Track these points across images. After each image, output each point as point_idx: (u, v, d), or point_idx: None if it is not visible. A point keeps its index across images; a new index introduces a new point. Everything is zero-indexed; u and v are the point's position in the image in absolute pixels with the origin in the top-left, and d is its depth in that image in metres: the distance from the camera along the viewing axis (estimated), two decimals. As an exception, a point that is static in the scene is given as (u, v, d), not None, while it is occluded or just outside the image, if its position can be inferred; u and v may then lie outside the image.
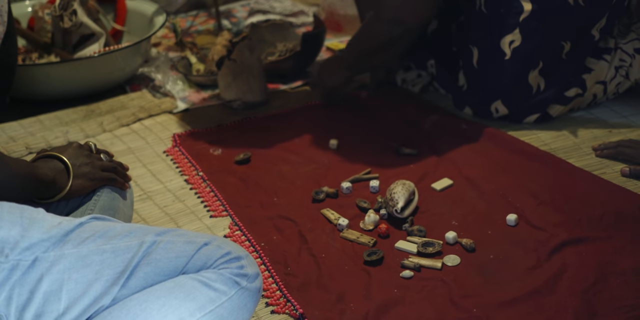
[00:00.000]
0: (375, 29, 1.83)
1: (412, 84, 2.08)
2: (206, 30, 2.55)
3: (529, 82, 1.83)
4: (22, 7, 2.32)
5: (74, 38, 2.16)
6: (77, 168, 1.36)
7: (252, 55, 2.01)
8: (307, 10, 2.64)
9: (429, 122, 1.91)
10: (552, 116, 1.88)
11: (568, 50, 1.82)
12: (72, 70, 2.06)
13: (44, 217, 1.11)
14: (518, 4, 1.76)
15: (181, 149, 1.86)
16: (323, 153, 1.82)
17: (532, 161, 1.73)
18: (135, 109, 2.02)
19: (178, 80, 2.18)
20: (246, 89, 2.01)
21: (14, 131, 1.95)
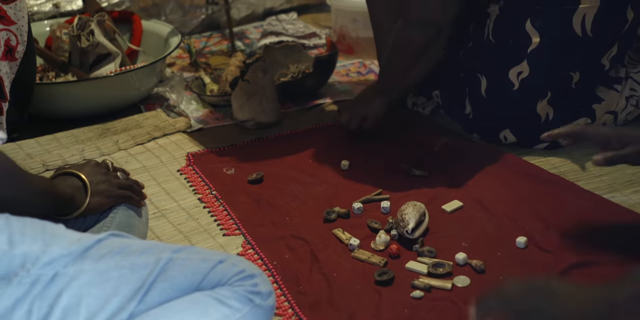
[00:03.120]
0: (405, 38, 1.81)
1: (422, 107, 2.11)
2: (220, 51, 2.59)
3: (538, 112, 1.85)
4: (40, 26, 2.36)
5: (90, 57, 2.20)
6: (95, 185, 1.38)
7: (265, 77, 2.04)
8: (319, 32, 2.67)
9: (440, 144, 1.93)
10: (562, 145, 1.89)
11: (577, 80, 1.83)
12: (89, 89, 2.10)
13: (65, 233, 1.13)
14: (526, 35, 1.78)
15: (195, 168, 1.88)
16: (335, 174, 1.84)
17: (541, 184, 1.75)
18: (150, 128, 2.05)
19: (192, 100, 2.21)
20: (259, 110, 2.04)
21: (31, 148, 1.98)
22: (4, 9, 1.74)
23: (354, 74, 2.39)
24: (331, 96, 2.23)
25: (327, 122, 2.08)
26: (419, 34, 1.78)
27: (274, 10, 2.87)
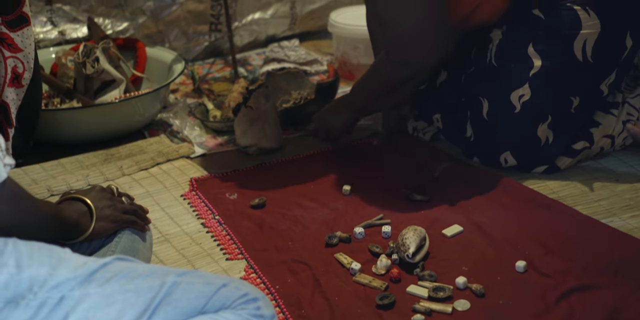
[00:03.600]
0: (383, 71, 1.88)
1: (422, 132, 2.13)
2: (223, 78, 2.62)
3: (538, 135, 1.88)
4: (46, 53, 2.39)
5: (95, 84, 2.22)
6: (100, 210, 1.41)
7: (267, 103, 2.07)
8: (320, 59, 2.70)
9: (440, 170, 1.96)
10: (560, 168, 1.92)
11: (577, 104, 1.86)
12: (93, 115, 2.13)
13: (71, 257, 1.15)
14: (528, 59, 1.81)
15: (198, 193, 1.90)
16: (336, 199, 1.86)
17: (540, 209, 1.77)
18: (154, 154, 2.07)
19: (195, 126, 2.24)
20: (262, 136, 2.07)
21: (36, 174, 2.00)
22: (11, 37, 1.77)
23: (355, 100, 2.41)
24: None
25: (329, 147, 2.10)
26: (398, 72, 1.85)
27: (276, 37, 2.90)
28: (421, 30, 1.77)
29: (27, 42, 1.80)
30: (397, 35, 1.80)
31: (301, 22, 2.94)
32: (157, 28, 2.68)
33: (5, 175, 1.11)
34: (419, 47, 1.79)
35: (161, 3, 2.65)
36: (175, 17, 2.69)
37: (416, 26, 1.77)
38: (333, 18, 2.60)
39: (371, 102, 1.98)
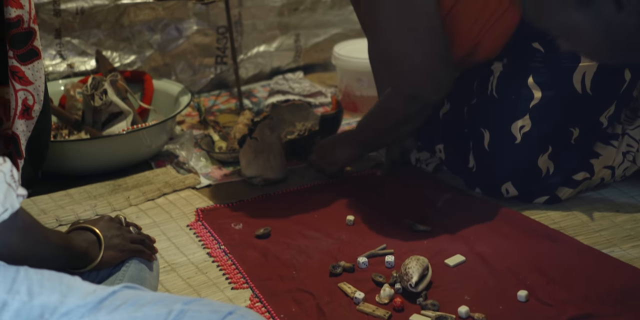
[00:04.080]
0: (391, 106, 1.91)
1: (425, 163, 2.16)
2: (228, 109, 2.66)
3: (539, 166, 1.90)
4: (54, 86, 2.43)
5: (103, 116, 2.26)
6: (108, 240, 1.43)
7: (272, 134, 2.10)
8: (325, 91, 2.74)
9: (442, 200, 1.98)
10: (561, 199, 1.94)
11: (577, 136, 1.89)
12: (101, 146, 2.16)
13: (81, 285, 1.17)
14: (528, 91, 1.85)
15: (204, 223, 1.93)
16: (340, 229, 1.88)
17: (542, 239, 1.79)
18: (160, 184, 2.10)
19: (201, 157, 2.27)
20: (267, 167, 2.10)
21: (44, 204, 2.03)
22: (22, 70, 1.81)
23: (359, 132, 2.44)
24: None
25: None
26: (404, 107, 1.87)
27: (280, 69, 2.94)
28: (429, 65, 1.80)
29: (38, 75, 1.84)
30: (405, 71, 1.82)
31: (305, 54, 2.98)
32: (164, 61, 2.72)
33: (18, 205, 1.14)
34: (428, 81, 1.82)
35: (168, 36, 2.70)
36: (182, 50, 2.74)
37: (424, 61, 1.80)
38: (337, 51, 2.64)
39: (378, 138, 1.99)
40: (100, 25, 2.58)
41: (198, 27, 2.74)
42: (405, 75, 1.83)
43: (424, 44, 1.79)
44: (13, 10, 1.77)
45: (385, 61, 1.89)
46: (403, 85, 1.85)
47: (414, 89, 1.83)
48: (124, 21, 2.61)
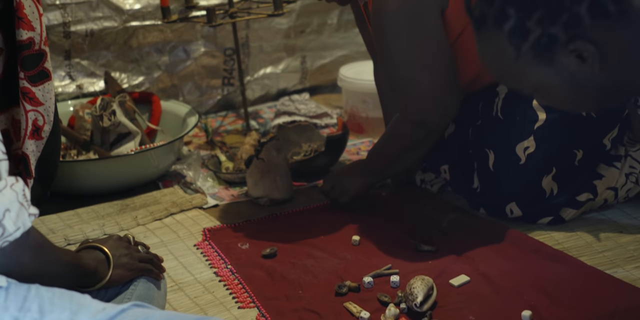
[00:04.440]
0: (400, 132, 1.93)
1: (430, 184, 2.17)
2: (235, 130, 2.68)
3: (543, 187, 1.92)
4: (64, 106, 2.46)
5: (111, 136, 2.28)
6: (117, 259, 1.45)
7: (279, 155, 2.13)
8: (330, 112, 2.76)
9: (447, 221, 2.00)
10: (565, 220, 1.96)
11: (580, 157, 1.91)
12: (110, 166, 2.18)
13: (90, 303, 1.19)
14: (533, 112, 1.87)
15: (211, 242, 1.95)
16: (346, 248, 1.90)
17: (545, 259, 1.80)
18: (168, 204, 2.12)
19: (208, 177, 2.29)
20: (273, 187, 2.12)
21: (53, 223, 2.05)
22: (33, 91, 1.83)
23: (365, 153, 2.47)
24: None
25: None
26: (413, 132, 1.89)
27: (287, 90, 2.97)
28: (436, 91, 1.82)
29: (48, 96, 1.86)
30: (413, 96, 1.84)
31: (311, 76, 3.01)
32: (172, 82, 2.75)
33: (30, 224, 1.16)
34: (435, 106, 1.84)
35: (176, 58, 2.74)
36: (190, 71, 2.77)
37: (431, 86, 1.82)
38: (342, 73, 2.67)
39: (388, 165, 2.01)
40: (109, 47, 2.62)
41: (205, 49, 2.77)
42: (413, 100, 1.85)
43: (431, 70, 1.82)
44: (25, 33, 1.80)
45: (393, 86, 1.91)
46: (410, 110, 1.87)
47: (421, 115, 1.86)
48: (132, 43, 2.65)
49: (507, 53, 1.36)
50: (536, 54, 1.34)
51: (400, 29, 1.80)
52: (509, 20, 1.33)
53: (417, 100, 1.85)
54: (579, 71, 1.34)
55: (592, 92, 1.37)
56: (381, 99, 2.22)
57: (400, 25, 1.80)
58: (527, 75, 1.37)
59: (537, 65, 1.35)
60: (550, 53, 1.33)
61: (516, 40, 1.34)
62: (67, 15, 2.50)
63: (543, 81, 1.37)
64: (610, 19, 1.30)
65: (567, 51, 1.32)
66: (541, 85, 1.39)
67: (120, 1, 2.57)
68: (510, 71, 1.39)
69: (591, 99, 1.40)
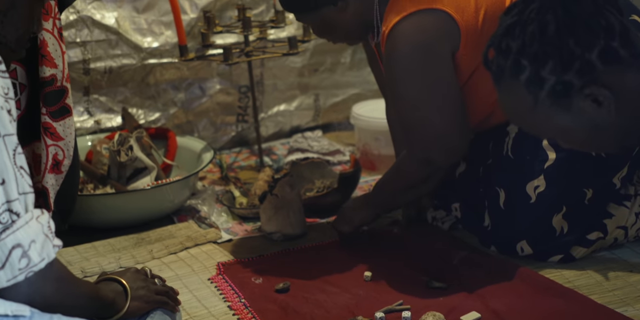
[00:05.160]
0: (406, 168, 1.96)
1: (441, 222, 2.20)
2: (248, 166, 2.72)
3: (553, 225, 1.94)
4: (82, 141, 2.49)
5: (128, 171, 2.32)
6: (135, 291, 1.48)
7: (292, 191, 2.16)
8: (343, 149, 2.80)
9: (458, 258, 2.01)
10: (575, 258, 1.97)
11: (590, 196, 1.93)
12: (126, 201, 2.22)
13: (109, 333, 1.22)
14: (543, 152, 1.90)
15: (225, 277, 1.97)
16: (358, 284, 1.92)
17: (556, 297, 1.82)
18: (183, 238, 2.15)
19: (222, 212, 2.32)
20: (286, 223, 2.14)
21: (70, 256, 2.08)
22: (54, 126, 1.87)
23: (376, 190, 2.49)
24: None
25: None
26: (419, 169, 1.93)
27: (300, 128, 3.01)
28: (445, 131, 1.86)
29: (68, 131, 1.90)
30: (422, 136, 1.88)
31: (324, 114, 3.05)
32: (187, 118, 2.80)
33: (54, 255, 1.19)
34: (443, 146, 1.87)
35: (192, 95, 2.78)
36: (205, 108, 2.81)
37: (441, 127, 1.86)
38: (355, 111, 2.71)
39: (391, 199, 2.04)
40: (127, 84, 2.67)
41: (221, 87, 2.82)
42: (422, 139, 1.89)
43: (442, 111, 1.85)
44: (47, 70, 1.85)
45: (403, 125, 1.95)
46: (418, 148, 1.90)
47: (429, 153, 1.89)
48: (149, 80, 2.70)
49: (526, 101, 1.41)
50: (553, 101, 1.39)
51: (412, 70, 1.84)
52: (524, 71, 1.39)
53: (425, 140, 1.88)
54: (596, 115, 1.38)
55: (611, 133, 1.42)
56: (393, 136, 2.26)
57: (412, 67, 1.84)
58: (546, 121, 1.42)
59: (555, 112, 1.39)
60: (567, 99, 1.38)
61: (533, 89, 1.39)
62: (87, 53, 2.56)
63: (562, 126, 1.41)
64: (622, 63, 1.35)
65: (582, 96, 1.37)
66: (561, 130, 1.43)
67: (138, 39, 2.63)
68: (530, 118, 1.44)
69: (611, 140, 1.45)
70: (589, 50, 1.35)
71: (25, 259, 1.16)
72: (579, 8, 1.36)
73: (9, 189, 1.16)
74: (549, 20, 1.37)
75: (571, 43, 1.36)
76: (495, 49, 1.43)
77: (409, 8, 1.82)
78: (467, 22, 1.83)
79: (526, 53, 1.38)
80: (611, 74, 1.36)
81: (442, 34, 1.83)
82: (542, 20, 1.37)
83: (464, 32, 1.83)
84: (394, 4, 1.86)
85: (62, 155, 1.91)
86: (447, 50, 1.84)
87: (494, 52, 1.44)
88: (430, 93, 1.85)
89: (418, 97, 1.86)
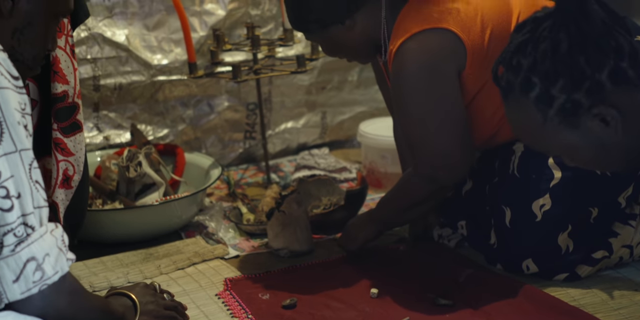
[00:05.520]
0: (411, 186, 1.98)
1: (448, 239, 2.21)
2: (255, 183, 2.73)
3: (559, 244, 1.95)
4: (91, 157, 2.50)
5: (137, 187, 2.34)
6: (144, 305, 1.50)
7: (299, 208, 2.17)
8: (349, 167, 2.81)
9: (464, 276, 2.02)
10: (581, 276, 1.98)
11: (595, 215, 1.94)
12: (134, 216, 2.23)
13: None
14: (549, 171, 1.91)
15: (232, 292, 1.98)
16: (364, 301, 1.93)
17: (561, 315, 1.82)
18: (190, 254, 2.16)
19: (230, 228, 2.34)
20: (293, 239, 2.16)
21: (79, 271, 2.09)
22: (64, 142, 1.89)
23: (383, 207, 2.50)
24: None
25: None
26: (424, 187, 1.95)
27: (307, 145, 3.02)
28: (449, 150, 1.88)
29: (79, 147, 1.92)
30: (426, 153, 1.90)
31: (331, 131, 3.07)
32: (195, 135, 2.81)
33: (67, 269, 1.21)
34: (447, 165, 1.89)
35: (200, 112, 2.80)
36: (213, 125, 2.84)
37: (444, 146, 1.88)
38: (362, 128, 2.72)
39: (394, 215, 2.06)
40: (136, 100, 2.69)
41: (229, 104, 2.84)
42: (426, 157, 1.91)
43: (446, 129, 1.88)
44: (59, 86, 1.87)
45: (409, 143, 1.97)
46: (423, 166, 1.92)
47: (433, 171, 1.91)
48: (159, 97, 2.72)
49: (535, 118, 1.43)
50: (562, 118, 1.41)
51: (418, 88, 1.87)
52: (534, 88, 1.41)
53: (430, 157, 1.90)
54: (603, 134, 1.40)
55: (617, 152, 1.44)
56: (400, 154, 2.28)
57: (419, 86, 1.87)
58: (554, 138, 1.44)
59: (563, 129, 1.41)
60: (575, 118, 1.40)
61: (542, 107, 1.41)
62: (98, 69, 2.58)
63: (570, 144, 1.43)
64: (631, 83, 1.37)
65: (591, 115, 1.39)
66: (568, 148, 1.45)
67: (148, 56, 2.65)
68: (538, 135, 1.46)
69: (617, 159, 1.47)
70: (599, 70, 1.37)
71: (39, 272, 1.18)
72: (590, 28, 1.38)
73: (24, 202, 1.18)
74: (561, 39, 1.39)
75: (582, 62, 1.38)
76: (505, 66, 1.45)
77: (415, 27, 1.85)
78: (473, 42, 1.85)
79: (537, 70, 1.40)
80: (619, 94, 1.38)
81: (447, 53, 1.85)
82: (555, 38, 1.39)
83: (470, 52, 1.85)
84: (400, 23, 1.88)
85: (72, 170, 1.93)
86: (453, 70, 1.87)
87: (504, 69, 1.46)
88: (435, 111, 1.87)
89: (423, 115, 1.88)
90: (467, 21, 1.85)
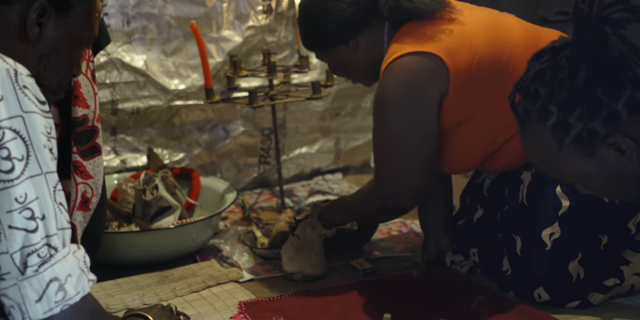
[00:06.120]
0: (367, 197, 2.08)
1: (460, 265, 2.22)
2: (270, 207, 2.76)
3: (570, 271, 1.96)
4: (108, 179, 2.50)
5: (152, 210, 2.36)
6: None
7: (314, 233, 2.20)
8: (363, 192, 2.83)
9: (476, 302, 2.03)
10: (592, 304, 1.99)
11: (606, 242, 1.96)
12: (150, 239, 2.26)
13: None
14: (557, 200, 1.93)
15: (246, 315, 2.00)
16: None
17: (573, 342, 1.84)
18: (205, 277, 2.18)
19: (244, 252, 2.36)
20: (307, 263, 2.18)
21: (95, 292, 2.08)
22: (83, 165, 1.93)
23: (395, 232, 2.52)
24: (374, 252, 2.36)
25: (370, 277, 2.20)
26: (379, 202, 2.04)
27: (320, 170, 3.05)
28: (409, 174, 1.95)
29: (97, 170, 1.96)
30: (386, 172, 1.98)
31: (345, 157, 3.10)
32: (211, 159, 2.85)
33: (89, 289, 1.24)
34: (404, 188, 1.97)
35: (216, 136, 2.84)
36: (228, 149, 2.87)
37: (406, 169, 1.95)
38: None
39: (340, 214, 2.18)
40: (153, 124, 2.73)
41: (244, 129, 2.88)
42: (385, 176, 1.98)
43: (412, 153, 1.94)
44: (80, 110, 1.91)
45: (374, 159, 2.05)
46: (381, 188, 2.00)
47: (389, 191, 1.98)
48: (175, 121, 2.76)
49: (551, 146, 1.46)
50: (578, 147, 1.43)
51: (393, 107, 1.92)
52: (551, 116, 1.43)
53: (388, 177, 1.98)
54: (618, 163, 1.43)
55: (632, 181, 1.46)
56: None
57: (395, 104, 1.92)
58: (569, 166, 1.46)
59: (578, 157, 1.44)
60: (591, 146, 1.42)
61: (559, 135, 1.44)
62: (116, 94, 2.62)
63: (585, 172, 1.46)
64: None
65: (606, 144, 1.42)
66: (583, 175, 1.47)
67: (166, 81, 2.69)
68: (553, 162, 1.49)
69: (631, 188, 1.49)
70: (615, 100, 1.40)
71: (61, 292, 1.20)
72: (608, 59, 1.41)
73: (48, 224, 1.21)
74: (579, 69, 1.41)
75: (599, 92, 1.40)
76: (522, 93, 1.48)
77: (402, 50, 1.90)
78: (457, 66, 1.88)
79: (555, 99, 1.43)
80: (635, 123, 1.41)
81: (429, 76, 1.89)
82: (573, 68, 1.42)
83: (453, 76, 1.89)
84: (392, 45, 1.93)
85: (90, 193, 1.96)
86: (434, 94, 1.90)
87: (520, 96, 1.49)
88: (405, 133, 1.93)
89: (393, 135, 1.94)
90: (454, 46, 1.89)
